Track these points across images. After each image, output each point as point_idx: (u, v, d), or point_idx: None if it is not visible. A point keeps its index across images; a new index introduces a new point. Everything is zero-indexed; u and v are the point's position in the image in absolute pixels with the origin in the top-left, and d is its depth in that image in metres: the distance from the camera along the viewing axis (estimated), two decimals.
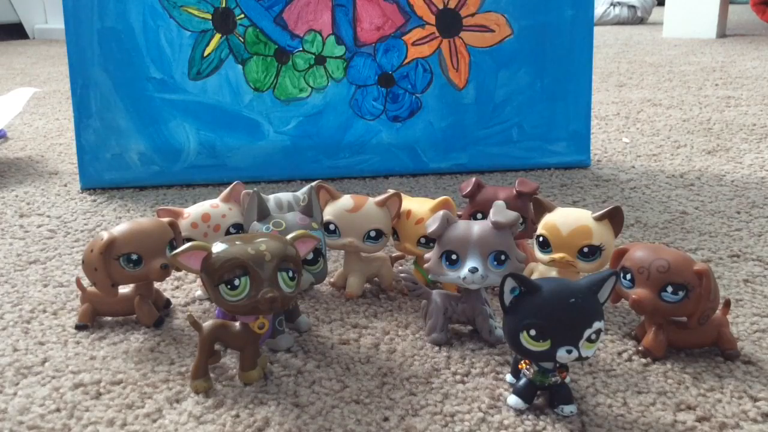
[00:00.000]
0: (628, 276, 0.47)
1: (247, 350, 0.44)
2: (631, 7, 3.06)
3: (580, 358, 0.38)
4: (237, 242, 0.42)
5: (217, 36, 0.87)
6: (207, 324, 0.43)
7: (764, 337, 0.49)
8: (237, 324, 0.44)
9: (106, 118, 0.87)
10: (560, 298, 0.38)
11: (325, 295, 0.58)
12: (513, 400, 0.41)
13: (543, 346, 0.38)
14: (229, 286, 0.40)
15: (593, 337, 0.38)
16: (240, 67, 0.88)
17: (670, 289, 0.44)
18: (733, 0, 2.87)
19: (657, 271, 0.45)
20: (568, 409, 0.40)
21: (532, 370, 0.41)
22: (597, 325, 0.38)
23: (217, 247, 0.42)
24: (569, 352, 0.38)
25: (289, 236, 0.44)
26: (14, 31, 3.02)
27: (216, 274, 0.41)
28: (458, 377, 0.45)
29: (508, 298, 0.40)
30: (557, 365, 0.40)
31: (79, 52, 0.85)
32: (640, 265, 0.46)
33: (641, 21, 3.09)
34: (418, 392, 0.43)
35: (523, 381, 0.41)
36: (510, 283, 0.39)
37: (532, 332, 0.38)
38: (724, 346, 0.46)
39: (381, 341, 0.49)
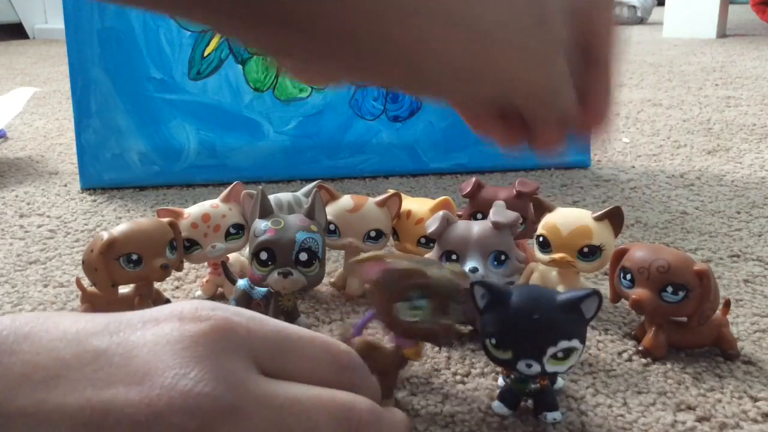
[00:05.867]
0: (628, 276, 0.47)
1: (390, 377, 0.41)
2: (631, 7, 3.06)
3: (544, 373, 0.38)
4: (417, 261, 0.39)
5: (217, 36, 0.87)
6: (356, 340, 0.40)
7: (764, 337, 0.49)
8: (387, 346, 0.40)
9: (106, 118, 0.87)
10: (522, 313, 0.37)
11: (325, 296, 0.58)
12: (496, 404, 0.41)
13: (506, 355, 0.38)
14: (408, 305, 0.37)
15: (560, 355, 0.37)
16: (240, 67, 0.88)
17: (670, 289, 0.44)
18: (733, 0, 2.87)
19: (657, 271, 0.45)
20: (552, 416, 0.40)
21: (511, 377, 0.40)
22: (564, 344, 0.37)
23: (397, 263, 0.38)
24: (529, 366, 0.37)
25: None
26: (14, 31, 3.02)
27: (394, 291, 0.38)
28: (458, 377, 0.45)
29: (480, 303, 0.39)
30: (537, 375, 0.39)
31: (79, 52, 0.85)
32: (640, 265, 0.46)
33: (641, 21, 3.09)
34: (418, 392, 0.43)
35: (505, 386, 0.41)
36: (479, 290, 0.39)
37: (493, 341, 0.38)
38: (724, 346, 0.46)
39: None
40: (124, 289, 0.52)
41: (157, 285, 0.54)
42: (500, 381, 0.44)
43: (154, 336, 0.22)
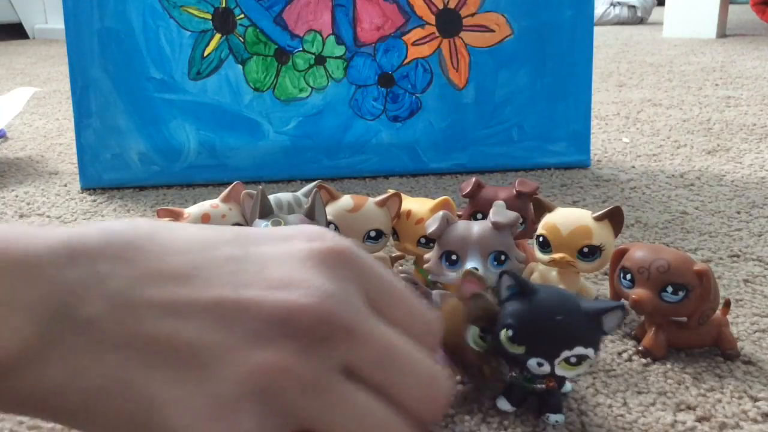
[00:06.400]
0: (628, 276, 0.47)
1: None
2: (631, 7, 3.06)
3: (552, 375, 0.38)
4: None
5: (217, 36, 0.87)
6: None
7: (764, 337, 0.49)
8: None
9: (106, 118, 0.87)
10: (546, 311, 0.37)
11: None
12: (501, 400, 0.41)
13: (518, 350, 0.38)
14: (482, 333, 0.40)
15: (573, 360, 0.37)
16: (240, 67, 0.88)
17: (670, 289, 0.45)
18: (733, 0, 2.87)
19: (657, 271, 0.45)
20: (554, 418, 0.40)
21: (519, 374, 0.40)
22: (580, 350, 0.37)
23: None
24: (540, 365, 0.37)
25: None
26: (14, 31, 3.02)
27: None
28: (458, 377, 0.45)
29: (504, 293, 0.40)
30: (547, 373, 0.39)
31: (79, 52, 0.85)
32: (640, 265, 0.46)
33: (641, 21, 3.09)
34: None
35: (511, 383, 0.41)
36: (507, 281, 0.39)
37: (509, 332, 0.38)
38: (724, 346, 0.46)
39: None
40: None
41: None
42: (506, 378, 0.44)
43: (286, 250, 0.23)
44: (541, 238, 0.50)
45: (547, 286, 0.40)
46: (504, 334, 0.38)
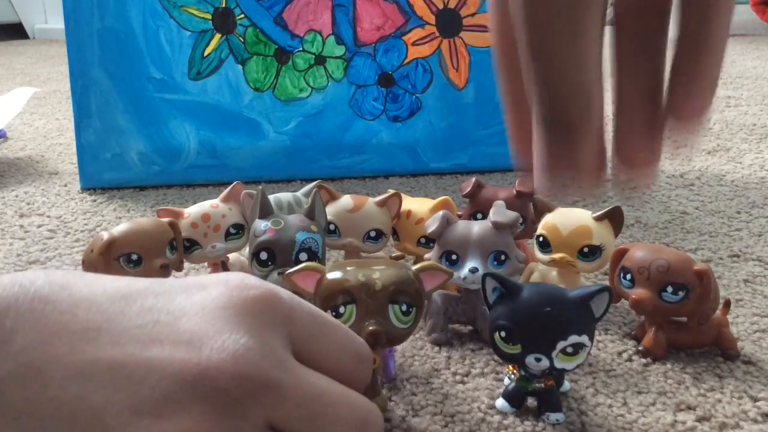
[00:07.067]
0: (628, 276, 0.47)
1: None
2: None
3: (553, 369, 0.38)
4: (350, 267, 0.39)
5: (217, 36, 0.87)
6: None
7: (764, 337, 0.49)
8: None
9: (106, 118, 0.87)
10: (534, 305, 0.37)
11: None
12: (500, 402, 0.41)
13: (514, 350, 0.38)
14: (334, 314, 0.37)
15: (569, 350, 0.37)
16: (240, 67, 0.88)
17: (670, 289, 0.45)
18: None
19: (657, 271, 0.45)
20: (554, 416, 0.40)
21: (517, 375, 0.40)
22: (574, 338, 0.37)
23: (330, 272, 0.39)
24: (538, 360, 0.38)
25: (416, 266, 0.40)
26: (14, 31, 3.02)
27: (323, 300, 0.38)
28: (458, 377, 0.45)
29: (490, 297, 0.40)
30: (545, 371, 0.39)
31: (79, 52, 0.85)
32: (640, 265, 0.46)
33: None
34: (418, 392, 0.43)
35: (511, 385, 0.41)
36: (491, 283, 0.39)
37: (502, 333, 0.38)
38: (724, 346, 0.46)
39: None
40: None
41: None
42: (506, 381, 0.44)
43: (201, 299, 0.22)
44: (541, 238, 0.50)
45: (531, 283, 0.41)
46: (497, 336, 0.38)
